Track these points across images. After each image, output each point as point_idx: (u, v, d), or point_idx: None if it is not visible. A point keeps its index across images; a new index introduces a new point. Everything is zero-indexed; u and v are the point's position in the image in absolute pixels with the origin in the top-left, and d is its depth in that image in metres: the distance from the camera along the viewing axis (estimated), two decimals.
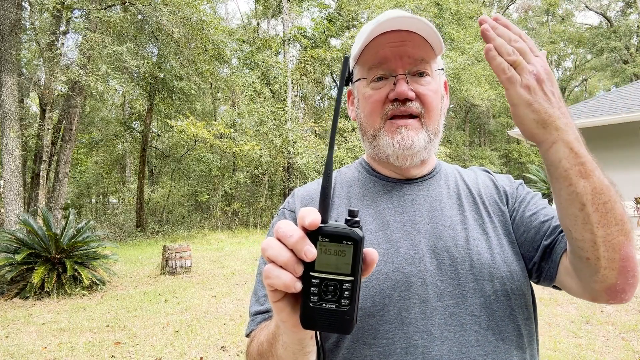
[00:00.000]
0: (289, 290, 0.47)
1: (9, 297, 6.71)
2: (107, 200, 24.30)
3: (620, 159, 10.31)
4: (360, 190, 0.88)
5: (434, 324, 0.72)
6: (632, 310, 5.02)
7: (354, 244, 0.47)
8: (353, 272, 0.48)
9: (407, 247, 0.78)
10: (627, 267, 0.64)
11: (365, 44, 0.82)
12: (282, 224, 0.48)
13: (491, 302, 0.74)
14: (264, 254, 0.49)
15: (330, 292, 0.48)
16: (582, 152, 0.60)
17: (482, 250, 0.78)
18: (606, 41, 28.27)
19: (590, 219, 0.61)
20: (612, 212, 0.60)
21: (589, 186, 0.60)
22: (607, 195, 0.60)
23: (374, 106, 0.83)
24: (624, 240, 0.62)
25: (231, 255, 11.47)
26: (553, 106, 0.60)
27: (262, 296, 0.82)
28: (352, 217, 0.48)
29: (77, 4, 10.09)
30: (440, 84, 0.86)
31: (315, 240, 0.47)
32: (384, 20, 0.78)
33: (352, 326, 0.49)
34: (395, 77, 0.80)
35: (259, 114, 18.53)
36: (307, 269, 0.48)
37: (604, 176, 0.62)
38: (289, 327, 0.52)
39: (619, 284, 0.65)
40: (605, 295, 0.68)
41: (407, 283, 0.74)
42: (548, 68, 0.61)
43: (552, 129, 0.60)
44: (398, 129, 0.81)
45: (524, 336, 0.76)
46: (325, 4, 23.05)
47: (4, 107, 8.86)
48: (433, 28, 0.78)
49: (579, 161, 0.60)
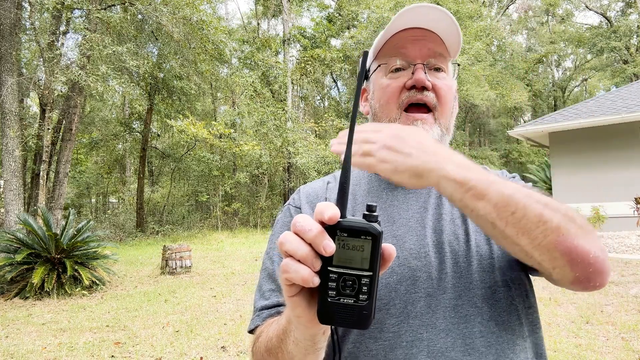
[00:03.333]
0: (307, 285, 0.47)
1: (9, 297, 6.71)
2: (107, 200, 24.30)
3: (620, 159, 10.31)
4: (366, 187, 0.89)
5: (439, 317, 0.73)
6: (632, 310, 5.02)
7: (372, 239, 0.47)
8: (371, 267, 0.47)
9: (412, 242, 0.79)
10: (575, 259, 0.60)
11: (386, 39, 0.84)
12: (299, 218, 0.48)
13: (493, 293, 0.75)
14: (281, 248, 0.48)
15: (348, 287, 0.48)
16: (466, 177, 0.59)
17: (481, 242, 0.79)
18: (606, 41, 28.27)
19: (506, 234, 0.60)
20: (525, 218, 0.58)
21: (488, 205, 0.59)
22: (513, 205, 0.58)
23: (391, 94, 0.85)
24: (555, 238, 0.59)
25: (231, 255, 11.47)
26: (415, 157, 0.61)
27: (267, 291, 0.82)
28: (371, 212, 0.48)
29: (77, 4, 10.09)
30: (454, 83, 0.89)
31: (334, 234, 0.47)
32: (405, 12, 0.80)
33: (370, 321, 0.49)
34: (414, 66, 0.83)
35: (259, 114, 18.53)
36: (325, 264, 0.48)
37: (504, 186, 0.60)
38: (303, 322, 0.52)
39: (579, 275, 0.62)
40: (574, 287, 0.66)
41: (413, 277, 0.75)
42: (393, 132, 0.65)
43: (425, 174, 0.61)
44: (414, 122, 0.82)
45: (524, 325, 0.77)
46: (325, 4, 23.07)
47: (4, 107, 8.86)
48: (455, 23, 0.81)
49: (467, 187, 0.59)
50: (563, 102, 31.99)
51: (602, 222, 9.71)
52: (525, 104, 27.58)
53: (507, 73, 26.55)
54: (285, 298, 0.52)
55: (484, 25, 23.78)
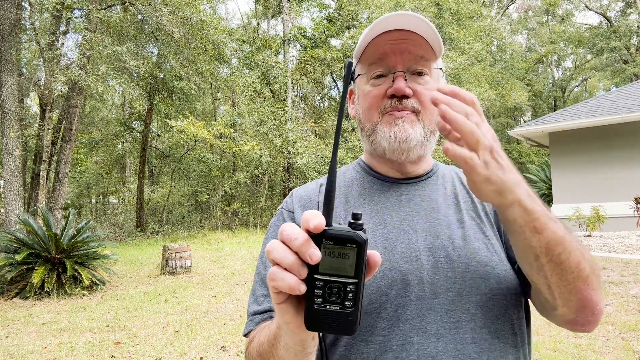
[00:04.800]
0: (294, 293, 0.48)
1: (9, 297, 6.71)
2: (107, 200, 24.30)
3: (620, 159, 10.31)
4: (358, 190, 0.89)
5: (430, 322, 0.73)
6: (632, 310, 5.02)
7: (357, 247, 0.48)
8: (357, 274, 0.48)
9: (403, 245, 0.79)
10: (586, 307, 0.68)
11: (367, 43, 0.83)
12: (286, 227, 0.48)
13: (487, 301, 0.75)
14: (269, 256, 0.49)
15: (334, 294, 0.48)
16: (534, 209, 0.61)
17: (478, 249, 0.79)
18: (606, 41, 28.27)
19: (544, 268, 0.64)
20: (566, 262, 0.63)
21: (542, 240, 0.62)
22: (561, 246, 0.62)
23: (372, 101, 0.85)
24: (581, 286, 0.65)
25: (231, 255, 11.47)
26: (505, 172, 0.59)
27: (260, 296, 0.83)
28: (356, 220, 0.49)
29: (77, 4, 10.09)
30: (438, 83, 0.87)
31: (320, 242, 0.48)
32: (385, 18, 0.80)
33: (356, 327, 0.50)
34: (394, 74, 0.82)
35: (259, 114, 18.53)
36: (311, 272, 0.48)
37: (558, 227, 0.63)
38: (292, 328, 0.53)
39: (578, 319, 0.70)
40: (566, 326, 0.74)
41: (404, 281, 0.75)
42: (494, 133, 0.60)
43: (507, 193, 0.60)
44: (395, 121, 0.82)
45: (518, 335, 0.78)
46: (325, 4, 23.06)
47: (4, 107, 8.86)
48: (434, 29, 0.79)
49: (532, 218, 0.61)
50: (563, 102, 31.98)
51: (602, 222, 9.71)
52: (525, 104, 27.57)
53: (507, 73, 26.54)
54: (273, 305, 0.52)
55: (484, 25, 23.79)
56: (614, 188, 10.25)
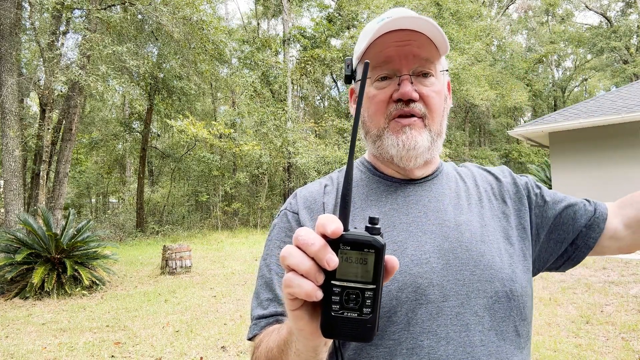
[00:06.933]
0: (311, 299, 0.46)
1: (9, 297, 6.71)
2: (107, 200, 24.29)
3: (621, 159, 10.31)
4: (365, 191, 0.87)
5: (440, 325, 0.73)
6: (632, 310, 5.02)
7: (375, 252, 0.46)
8: (375, 280, 0.47)
9: (413, 248, 0.78)
10: None
11: (370, 42, 0.81)
12: (302, 232, 0.47)
13: (493, 303, 0.75)
14: (284, 262, 0.47)
15: (352, 300, 0.47)
16: None
17: (486, 252, 0.78)
18: (606, 41, 28.28)
19: None
20: None
21: None
22: None
23: (378, 106, 0.83)
24: None
25: (231, 255, 11.47)
26: None
27: (264, 300, 0.81)
28: (373, 225, 0.47)
29: (77, 4, 10.08)
30: (443, 84, 0.87)
31: (336, 248, 0.46)
32: (389, 19, 0.77)
33: (374, 334, 0.48)
34: (400, 78, 0.80)
35: (259, 114, 18.52)
36: (328, 278, 0.47)
37: None
38: (305, 335, 0.51)
39: None
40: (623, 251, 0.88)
41: (415, 284, 0.75)
42: None
43: None
44: (403, 128, 0.81)
45: (521, 336, 0.77)
46: (325, 4, 23.04)
47: (4, 107, 8.86)
48: (439, 28, 0.77)
49: None
50: (563, 102, 31.97)
51: None
52: (525, 104, 27.56)
53: (507, 73, 26.55)
54: (287, 311, 0.51)
55: (484, 25, 23.80)
56: (614, 188, 10.25)
